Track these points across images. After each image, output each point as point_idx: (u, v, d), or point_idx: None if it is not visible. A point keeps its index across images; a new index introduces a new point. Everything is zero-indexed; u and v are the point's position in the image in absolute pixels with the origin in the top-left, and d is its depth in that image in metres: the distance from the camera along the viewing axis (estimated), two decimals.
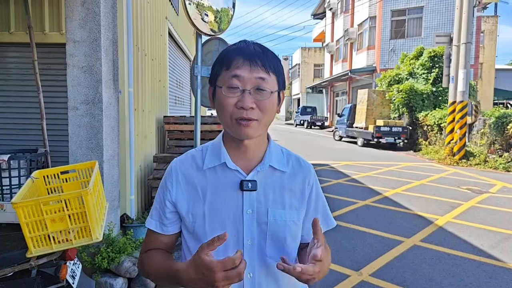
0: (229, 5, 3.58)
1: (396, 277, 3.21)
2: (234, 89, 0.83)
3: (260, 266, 0.89)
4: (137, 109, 3.99)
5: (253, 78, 0.83)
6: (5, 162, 2.33)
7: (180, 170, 0.93)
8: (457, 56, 10.32)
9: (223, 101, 0.85)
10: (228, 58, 0.85)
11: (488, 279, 3.19)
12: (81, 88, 2.71)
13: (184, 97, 8.29)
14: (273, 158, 0.93)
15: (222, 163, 0.90)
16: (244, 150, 0.91)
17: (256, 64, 0.83)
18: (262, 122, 0.86)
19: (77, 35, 2.68)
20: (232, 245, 0.87)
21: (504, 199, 6.12)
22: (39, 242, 1.63)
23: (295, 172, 0.96)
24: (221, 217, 0.88)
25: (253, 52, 0.84)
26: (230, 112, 0.84)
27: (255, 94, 0.83)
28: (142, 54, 4.28)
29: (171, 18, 6.21)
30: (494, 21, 22.84)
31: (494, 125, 9.75)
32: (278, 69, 0.88)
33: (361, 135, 14.53)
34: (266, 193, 0.90)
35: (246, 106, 0.82)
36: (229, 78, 0.84)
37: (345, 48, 23.46)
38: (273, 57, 0.87)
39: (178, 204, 0.91)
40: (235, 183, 0.89)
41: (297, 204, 0.94)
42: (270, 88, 0.84)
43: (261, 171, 0.91)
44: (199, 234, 0.89)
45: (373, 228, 4.46)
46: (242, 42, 0.89)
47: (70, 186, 2.11)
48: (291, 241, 0.92)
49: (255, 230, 0.88)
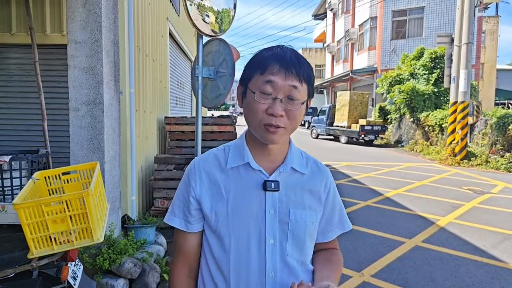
0: (230, 6, 3.58)
1: (398, 278, 3.20)
2: (266, 95, 0.84)
3: (281, 265, 0.91)
4: (138, 110, 3.99)
5: (286, 86, 0.84)
6: (6, 163, 2.33)
7: (203, 168, 0.94)
8: (458, 56, 10.30)
9: (254, 106, 0.86)
10: (263, 62, 0.86)
11: (490, 280, 3.18)
12: (82, 89, 2.71)
13: (185, 98, 8.30)
14: (294, 160, 0.96)
15: (246, 163, 0.92)
16: (267, 152, 0.93)
17: (291, 73, 0.84)
18: (288, 130, 0.88)
19: (79, 36, 2.69)
20: (254, 244, 0.89)
21: (506, 200, 6.10)
22: (41, 243, 1.63)
23: (313, 175, 0.98)
24: (244, 216, 0.89)
25: (289, 60, 0.85)
26: (260, 118, 0.85)
27: (286, 102, 0.85)
28: (143, 55, 4.28)
29: (172, 19, 6.22)
30: (495, 21, 22.79)
31: (496, 125, 9.73)
32: (310, 78, 0.89)
33: (345, 134, 15.91)
34: (287, 193, 0.92)
35: (276, 113, 0.83)
36: (262, 83, 0.85)
37: (346, 49, 23.44)
38: (307, 67, 0.88)
39: (202, 202, 0.92)
40: (258, 183, 0.91)
41: (315, 205, 0.96)
42: (301, 98, 0.86)
43: (283, 172, 0.93)
44: (222, 232, 0.90)
45: (375, 229, 4.45)
46: (278, 48, 0.89)
47: (72, 187, 2.11)
48: (309, 242, 0.95)
49: (277, 229, 0.90)
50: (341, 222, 1.03)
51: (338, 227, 1.02)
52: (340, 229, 1.03)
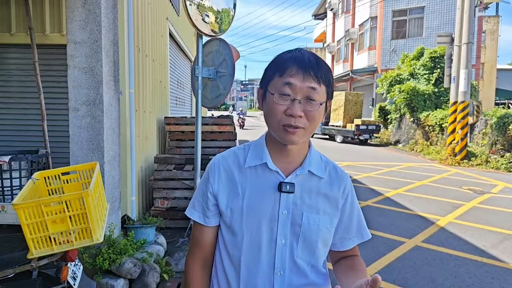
0: (230, 6, 3.58)
1: (398, 278, 3.20)
2: (285, 96, 0.86)
3: (291, 265, 0.93)
4: (138, 110, 3.99)
5: (304, 87, 0.85)
6: (6, 163, 2.33)
7: (222, 166, 0.97)
8: (459, 56, 10.30)
9: (273, 107, 0.88)
10: (282, 65, 0.88)
11: (490, 280, 3.18)
12: (82, 89, 2.71)
13: (185, 98, 8.30)
14: (312, 164, 0.96)
15: (263, 163, 0.94)
16: (286, 153, 0.94)
17: (309, 74, 0.86)
18: (307, 131, 0.89)
19: (78, 36, 2.68)
20: (265, 243, 0.91)
21: (506, 200, 6.10)
22: (40, 243, 1.63)
23: (331, 180, 0.98)
24: (257, 215, 0.91)
25: (307, 62, 0.87)
26: (279, 118, 0.87)
27: (304, 103, 0.86)
28: (143, 55, 4.28)
29: (172, 19, 6.22)
30: (496, 21, 22.77)
31: (496, 125, 9.72)
32: (329, 80, 0.90)
33: (340, 133, 16.18)
34: (302, 196, 0.93)
35: (295, 114, 0.85)
36: (281, 85, 0.87)
37: (346, 49, 23.44)
38: (326, 69, 0.89)
39: (219, 198, 0.95)
40: (274, 183, 0.92)
41: (331, 210, 0.96)
42: (319, 99, 0.87)
43: (300, 175, 0.94)
44: (236, 229, 0.93)
45: (375, 229, 4.45)
46: (297, 51, 0.91)
47: (71, 187, 2.11)
48: (322, 246, 0.96)
49: (288, 231, 0.92)
50: (359, 230, 1.02)
51: (357, 236, 1.02)
52: (359, 238, 1.02)
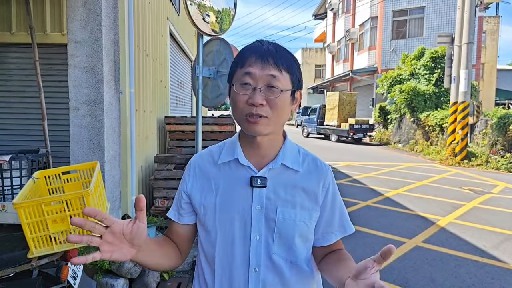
0: (230, 6, 3.58)
1: (398, 278, 3.20)
2: (245, 85, 0.86)
3: (266, 262, 0.90)
4: (138, 110, 3.99)
5: (264, 75, 0.85)
6: (6, 162, 2.33)
7: (197, 164, 0.98)
8: (459, 56, 10.30)
9: (235, 98, 0.88)
10: (242, 56, 0.88)
11: (491, 280, 3.17)
12: (82, 89, 2.71)
13: (185, 98, 8.29)
14: (287, 157, 0.94)
15: (235, 159, 0.93)
16: (256, 147, 0.93)
17: (267, 62, 0.85)
18: (272, 120, 0.86)
19: (79, 35, 2.68)
20: (239, 239, 0.90)
21: (506, 200, 6.09)
22: (40, 242, 1.63)
23: (310, 172, 0.95)
24: (230, 211, 0.90)
25: (266, 51, 0.86)
26: (241, 109, 0.86)
27: (266, 91, 0.85)
28: (144, 55, 4.28)
29: (172, 19, 6.21)
30: (496, 21, 22.78)
31: (496, 125, 9.72)
32: (292, 68, 0.88)
33: (335, 132, 16.65)
34: (276, 190, 0.91)
35: (256, 102, 0.84)
36: (241, 76, 0.87)
37: (346, 49, 23.43)
38: (287, 56, 0.88)
39: (192, 195, 0.95)
40: (246, 178, 0.91)
41: (310, 204, 0.93)
42: (281, 86, 0.85)
43: (273, 169, 0.92)
44: (209, 226, 0.92)
45: (375, 229, 4.45)
46: (257, 41, 0.91)
47: (72, 186, 2.11)
48: (300, 241, 0.92)
49: (263, 226, 0.89)
50: (342, 224, 0.98)
51: (339, 230, 0.98)
52: (341, 232, 0.98)
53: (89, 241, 0.72)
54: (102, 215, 0.71)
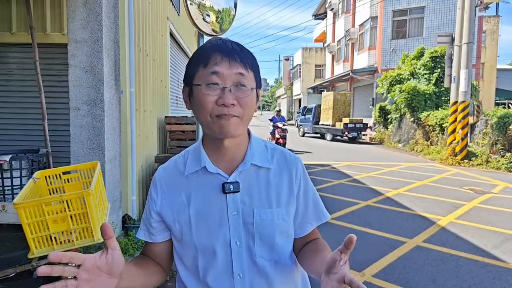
0: (230, 6, 3.58)
1: (399, 278, 3.19)
2: (214, 85, 0.81)
3: (251, 266, 0.88)
4: (138, 110, 3.99)
5: (232, 74, 0.81)
6: (6, 162, 2.33)
7: (163, 178, 0.92)
8: (459, 56, 10.29)
9: (202, 99, 0.82)
10: (205, 55, 0.83)
11: (492, 280, 3.17)
12: (82, 89, 2.71)
13: None
14: (255, 156, 0.91)
15: (203, 167, 0.89)
16: (224, 151, 0.89)
17: (235, 60, 0.82)
18: (243, 119, 0.84)
19: (79, 35, 2.68)
20: (220, 248, 0.87)
21: (506, 200, 6.09)
22: (41, 243, 1.63)
23: (280, 167, 0.93)
24: (206, 221, 0.87)
25: (231, 49, 0.83)
26: (209, 110, 0.82)
27: (235, 91, 0.82)
28: (144, 55, 4.28)
29: (172, 19, 6.21)
30: (496, 21, 22.77)
31: (496, 125, 9.71)
32: (256, 66, 0.87)
33: (330, 131, 17.19)
34: (250, 193, 0.88)
35: (227, 102, 0.80)
36: (207, 75, 0.82)
37: (346, 49, 23.42)
38: (250, 54, 0.86)
39: (163, 213, 0.90)
40: (218, 186, 0.87)
41: (285, 199, 0.91)
42: (250, 84, 0.84)
43: (244, 171, 0.89)
44: (187, 240, 0.88)
45: (375, 229, 4.44)
46: (218, 39, 0.87)
47: (72, 186, 2.10)
48: (280, 239, 0.90)
49: (241, 231, 0.87)
50: (316, 213, 0.96)
51: (314, 219, 0.96)
52: (316, 220, 0.97)
53: (63, 285, 0.66)
54: (68, 257, 0.66)
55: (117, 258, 0.71)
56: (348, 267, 0.68)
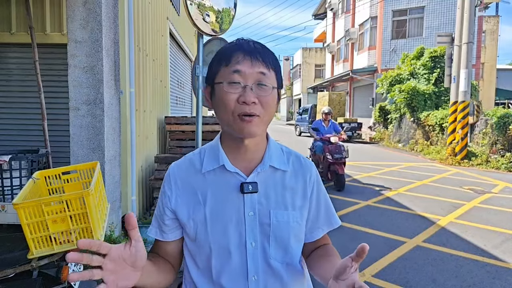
0: (230, 6, 3.57)
1: (399, 278, 3.19)
2: (235, 84, 0.81)
3: (265, 268, 0.87)
4: (138, 110, 3.99)
5: (254, 73, 0.82)
6: (6, 162, 2.33)
7: (178, 176, 0.91)
8: (459, 56, 10.30)
9: (224, 97, 0.82)
10: (227, 54, 0.84)
11: (492, 280, 3.17)
12: (82, 89, 2.70)
13: (185, 98, 8.29)
14: (273, 158, 0.91)
15: (221, 166, 0.88)
16: (244, 151, 0.89)
17: (257, 59, 0.82)
18: (263, 119, 0.84)
19: (79, 35, 2.68)
20: (235, 248, 0.86)
21: (506, 199, 6.09)
22: (41, 243, 1.62)
23: (296, 171, 0.94)
24: (222, 221, 0.86)
25: (253, 48, 0.84)
26: (232, 108, 0.82)
27: (256, 89, 0.82)
28: (143, 55, 4.27)
29: (172, 19, 6.21)
30: (496, 21, 22.78)
31: (496, 125, 9.72)
32: (278, 65, 0.87)
33: None
34: (267, 194, 0.88)
35: (248, 100, 0.80)
36: (229, 74, 0.82)
37: (346, 48, 23.43)
38: (272, 54, 0.87)
39: (178, 211, 0.89)
40: (236, 185, 0.87)
41: (300, 203, 0.92)
42: (271, 83, 0.84)
43: (262, 172, 0.89)
44: (201, 239, 0.87)
45: (376, 229, 4.44)
46: (239, 39, 0.88)
47: (72, 186, 2.10)
48: (294, 242, 0.91)
49: (257, 232, 0.87)
50: (328, 218, 0.97)
51: (325, 224, 0.97)
52: (327, 226, 0.98)
53: (91, 275, 0.65)
54: (97, 245, 0.65)
55: (141, 251, 0.71)
56: (357, 275, 0.68)
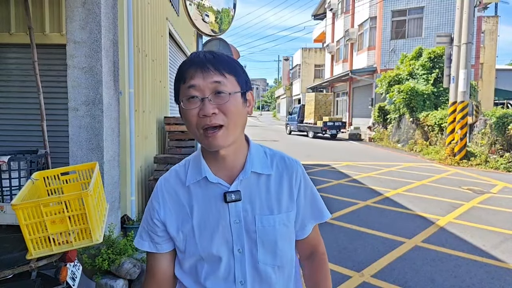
0: (229, 6, 3.58)
1: (398, 278, 3.19)
2: (193, 99, 0.82)
3: (253, 273, 0.89)
4: (137, 110, 3.99)
5: (208, 83, 0.82)
6: (5, 163, 2.33)
7: (166, 189, 0.92)
8: (458, 56, 10.31)
9: (186, 114, 0.84)
10: (182, 71, 0.85)
11: (491, 280, 3.18)
12: (81, 89, 2.70)
13: None
14: (255, 163, 0.92)
15: (204, 177, 0.90)
16: (222, 160, 0.89)
17: (208, 70, 0.82)
18: (229, 128, 0.83)
19: (78, 36, 2.68)
20: (224, 257, 0.88)
21: (505, 199, 6.10)
22: (39, 244, 1.62)
23: (281, 173, 0.94)
24: (209, 231, 0.88)
25: (203, 60, 0.84)
26: (195, 123, 0.83)
27: (214, 99, 0.82)
28: (143, 55, 4.27)
29: (171, 19, 6.21)
30: (495, 21, 22.80)
31: (495, 125, 9.73)
32: (236, 70, 0.86)
33: (312, 129, 19.13)
34: (252, 201, 0.89)
35: (207, 112, 0.80)
36: (186, 90, 0.83)
37: (345, 49, 23.43)
38: (227, 60, 0.86)
39: (168, 224, 0.90)
40: (220, 195, 0.88)
41: (286, 205, 0.93)
42: (228, 90, 0.83)
43: (244, 179, 0.90)
44: (191, 251, 0.89)
45: (375, 229, 4.44)
46: (193, 53, 0.88)
47: (71, 187, 2.10)
48: (282, 244, 0.92)
49: (244, 238, 0.88)
50: (316, 211, 0.99)
51: (313, 217, 0.99)
52: (315, 218, 0.99)
53: None
54: None
55: None
56: None
